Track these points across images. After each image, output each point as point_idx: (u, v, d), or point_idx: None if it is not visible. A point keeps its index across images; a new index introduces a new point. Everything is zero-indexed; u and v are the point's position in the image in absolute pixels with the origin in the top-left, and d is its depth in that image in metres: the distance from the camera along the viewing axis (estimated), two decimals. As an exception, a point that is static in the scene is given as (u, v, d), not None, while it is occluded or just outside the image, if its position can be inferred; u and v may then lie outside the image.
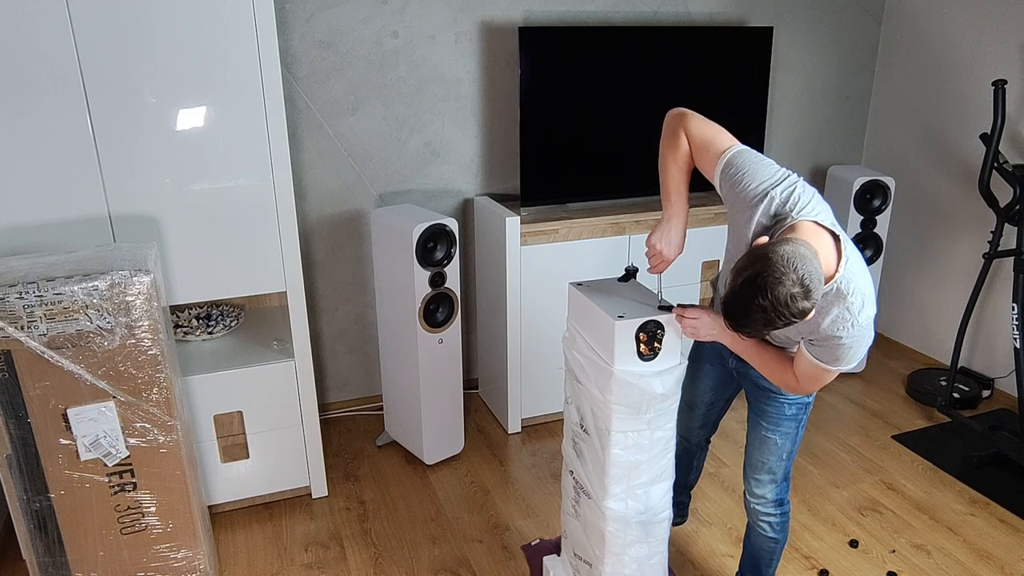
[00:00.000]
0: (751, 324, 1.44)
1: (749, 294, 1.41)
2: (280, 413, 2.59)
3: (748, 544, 2.17)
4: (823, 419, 3.34)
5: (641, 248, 3.10)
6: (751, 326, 1.44)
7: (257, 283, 2.45)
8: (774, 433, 1.92)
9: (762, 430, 1.94)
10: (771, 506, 2.02)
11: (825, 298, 1.55)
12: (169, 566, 2.10)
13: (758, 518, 2.06)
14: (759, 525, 2.07)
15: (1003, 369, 3.48)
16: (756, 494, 2.02)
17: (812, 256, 1.43)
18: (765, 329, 1.45)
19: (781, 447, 1.93)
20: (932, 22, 3.59)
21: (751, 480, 2.03)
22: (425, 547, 2.53)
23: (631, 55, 3.08)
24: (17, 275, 1.80)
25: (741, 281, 1.43)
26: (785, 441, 1.92)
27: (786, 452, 1.94)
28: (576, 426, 1.92)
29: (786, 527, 2.07)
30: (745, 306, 1.42)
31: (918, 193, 3.78)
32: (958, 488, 2.86)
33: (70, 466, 1.92)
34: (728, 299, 1.46)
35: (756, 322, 1.43)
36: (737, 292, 1.43)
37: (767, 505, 2.02)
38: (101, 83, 2.10)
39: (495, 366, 3.24)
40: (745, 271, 1.43)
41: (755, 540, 2.11)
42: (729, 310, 1.46)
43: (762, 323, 1.42)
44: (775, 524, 2.04)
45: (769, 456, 1.95)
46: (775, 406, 1.90)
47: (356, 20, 2.91)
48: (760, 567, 2.16)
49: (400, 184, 3.16)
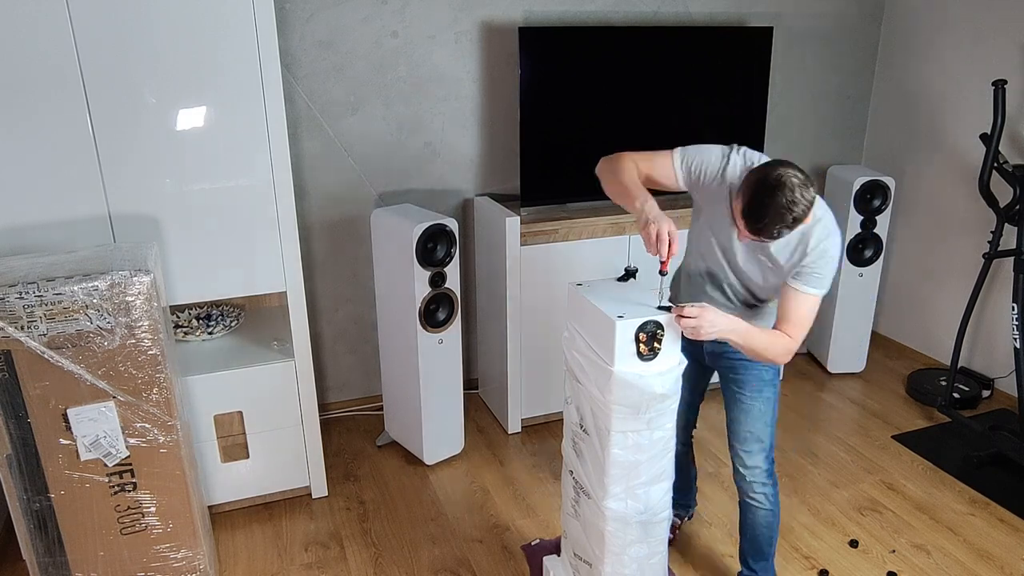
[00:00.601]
0: (771, 219, 1.66)
1: (766, 192, 1.65)
2: (280, 413, 2.59)
3: (746, 528, 2.20)
4: (823, 419, 3.34)
5: (642, 248, 3.09)
6: (771, 222, 1.67)
7: (257, 283, 2.45)
8: (757, 400, 2.05)
9: (745, 400, 2.06)
10: (764, 475, 2.11)
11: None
12: (169, 566, 2.10)
13: (753, 492, 2.12)
14: (755, 499, 2.13)
15: (1003, 369, 3.48)
16: (749, 465, 2.10)
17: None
18: (781, 224, 1.66)
19: (765, 412, 2.06)
20: (932, 22, 3.59)
21: (741, 454, 2.11)
22: (425, 547, 2.53)
23: (631, 55, 3.08)
24: (17, 275, 1.80)
25: (755, 188, 1.66)
26: (767, 407, 2.06)
27: (769, 417, 2.08)
28: (576, 426, 1.92)
29: (778, 500, 2.15)
30: (765, 202, 1.65)
31: (918, 193, 3.78)
32: (958, 488, 2.86)
33: (70, 466, 1.92)
34: (748, 205, 1.68)
35: (775, 217, 1.65)
36: (755, 196, 1.67)
37: (760, 475, 2.11)
38: (101, 83, 2.10)
39: (495, 366, 3.24)
40: (755, 182, 1.67)
41: (753, 519, 2.17)
42: (751, 212, 1.68)
43: (780, 216, 1.65)
44: (770, 496, 2.12)
45: (756, 423, 2.07)
46: (754, 373, 2.04)
47: (356, 20, 2.91)
48: (762, 548, 2.20)
49: (400, 184, 3.16)
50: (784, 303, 1.86)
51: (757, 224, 1.69)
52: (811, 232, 1.82)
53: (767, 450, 2.10)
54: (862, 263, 3.53)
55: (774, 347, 1.83)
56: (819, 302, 1.85)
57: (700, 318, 1.69)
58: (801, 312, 1.84)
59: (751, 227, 1.71)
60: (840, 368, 3.71)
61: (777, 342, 1.84)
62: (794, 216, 1.67)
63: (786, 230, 1.70)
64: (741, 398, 2.07)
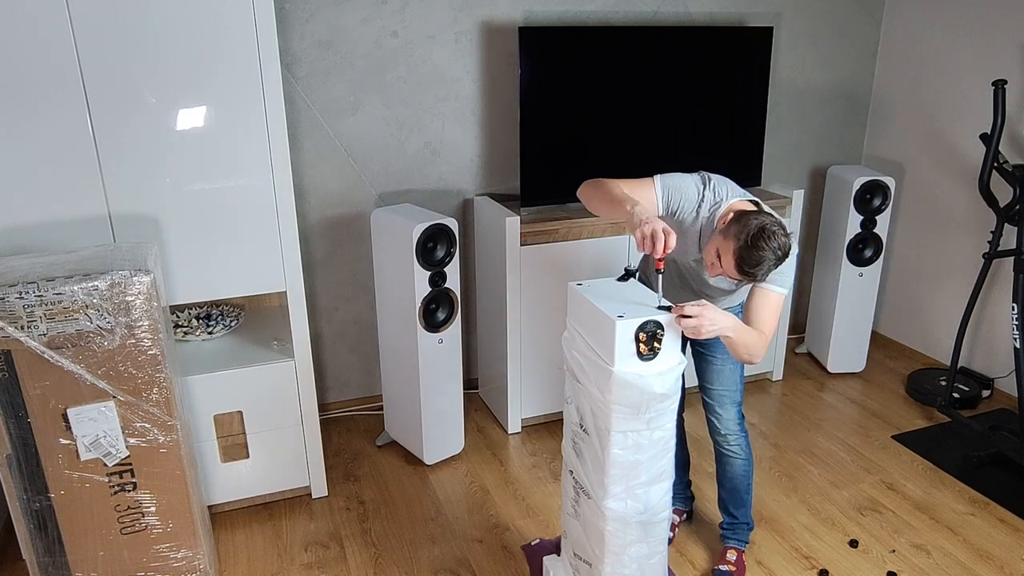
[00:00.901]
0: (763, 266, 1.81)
1: (755, 246, 1.79)
2: (280, 413, 2.59)
3: (725, 480, 2.40)
4: (823, 419, 3.34)
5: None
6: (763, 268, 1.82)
7: (257, 283, 2.45)
8: (727, 361, 2.24)
9: (716, 362, 2.25)
10: (737, 427, 2.31)
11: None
12: (169, 566, 2.10)
13: (729, 445, 2.32)
14: (731, 451, 2.33)
15: (1003, 369, 3.48)
16: (724, 420, 2.30)
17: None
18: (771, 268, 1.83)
19: (735, 371, 2.26)
20: (932, 22, 3.59)
21: (717, 413, 2.30)
22: (425, 547, 2.53)
23: (631, 55, 3.08)
24: (17, 275, 1.80)
25: (744, 243, 1.80)
26: (736, 365, 2.26)
27: (739, 375, 2.28)
28: (576, 426, 1.92)
29: (751, 448, 2.36)
30: (755, 255, 1.80)
31: (918, 193, 3.78)
32: (958, 488, 2.86)
33: (70, 466, 1.92)
34: (741, 259, 1.82)
35: (767, 264, 1.81)
36: (748, 247, 1.80)
37: (735, 427, 2.31)
38: (101, 83, 2.10)
39: (495, 366, 3.24)
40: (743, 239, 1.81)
41: (731, 470, 2.36)
42: (745, 263, 1.82)
43: (770, 263, 1.82)
44: (743, 445, 2.33)
45: (728, 382, 2.27)
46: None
47: (356, 20, 2.91)
48: (741, 495, 2.40)
49: (400, 184, 3.16)
50: (754, 304, 1.98)
51: (752, 271, 1.83)
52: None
53: (738, 404, 2.30)
54: (862, 263, 3.53)
55: (757, 346, 1.93)
56: (784, 300, 2.00)
57: (701, 317, 1.70)
58: (771, 311, 1.97)
59: (745, 273, 1.84)
60: (840, 368, 3.71)
61: (759, 341, 1.94)
62: (778, 258, 1.83)
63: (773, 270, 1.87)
64: (712, 360, 2.26)
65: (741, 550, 2.44)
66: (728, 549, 2.44)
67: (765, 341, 1.96)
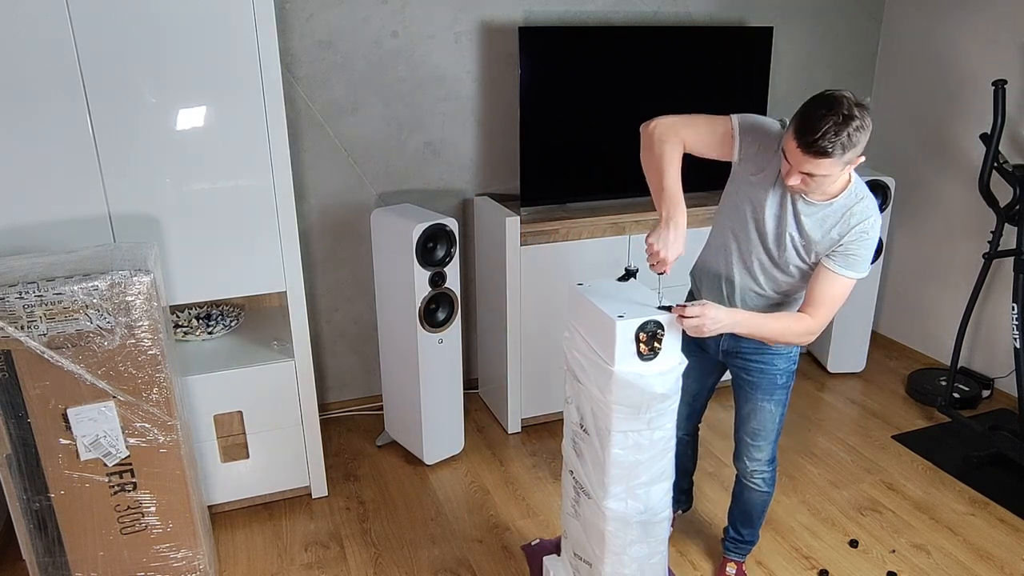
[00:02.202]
0: (827, 130, 1.59)
1: (822, 105, 1.61)
2: (280, 413, 2.59)
3: (741, 503, 2.30)
4: (823, 419, 3.34)
5: (642, 248, 3.09)
6: (826, 132, 1.60)
7: (257, 283, 2.45)
8: (769, 402, 2.08)
9: (758, 401, 2.08)
10: (767, 465, 2.18)
11: (847, 197, 1.79)
12: (169, 566, 2.10)
13: (754, 478, 2.19)
14: (755, 484, 2.20)
15: (1003, 369, 3.48)
16: (755, 458, 2.16)
17: None
18: (836, 136, 1.59)
19: (775, 412, 2.09)
20: (932, 23, 3.59)
21: (750, 448, 2.15)
22: (425, 547, 2.53)
23: (631, 55, 3.08)
24: (17, 275, 1.80)
25: (810, 105, 1.63)
26: (779, 407, 2.09)
27: (779, 416, 2.11)
28: (576, 426, 1.92)
29: (775, 480, 2.22)
30: (821, 113, 1.60)
31: (918, 193, 3.78)
32: (958, 488, 2.86)
33: (70, 466, 1.92)
34: (803, 122, 1.63)
35: (831, 127, 1.59)
36: (811, 111, 1.62)
37: (764, 465, 2.17)
38: (101, 83, 2.10)
39: (495, 366, 3.24)
40: (810, 101, 1.64)
41: (749, 498, 2.25)
42: (806, 126, 1.62)
43: (836, 128, 1.59)
44: (768, 479, 2.20)
45: (766, 423, 2.10)
46: (768, 378, 2.05)
47: (356, 20, 2.91)
48: (753, 520, 2.31)
49: (400, 184, 3.16)
50: (815, 283, 1.81)
51: (812, 136, 1.60)
52: (853, 209, 1.78)
53: (773, 443, 2.15)
54: (862, 263, 3.53)
55: (791, 331, 1.81)
56: (852, 287, 1.80)
57: (702, 316, 1.70)
58: (832, 294, 1.79)
59: (805, 141, 1.62)
60: (840, 368, 3.71)
61: (794, 326, 1.80)
62: (849, 131, 1.59)
63: (840, 150, 1.61)
64: (753, 399, 2.09)
65: (741, 563, 2.40)
66: (728, 561, 2.40)
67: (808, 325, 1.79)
